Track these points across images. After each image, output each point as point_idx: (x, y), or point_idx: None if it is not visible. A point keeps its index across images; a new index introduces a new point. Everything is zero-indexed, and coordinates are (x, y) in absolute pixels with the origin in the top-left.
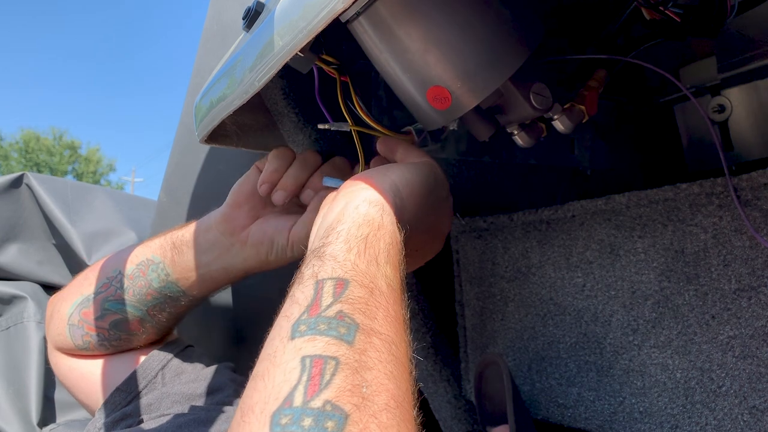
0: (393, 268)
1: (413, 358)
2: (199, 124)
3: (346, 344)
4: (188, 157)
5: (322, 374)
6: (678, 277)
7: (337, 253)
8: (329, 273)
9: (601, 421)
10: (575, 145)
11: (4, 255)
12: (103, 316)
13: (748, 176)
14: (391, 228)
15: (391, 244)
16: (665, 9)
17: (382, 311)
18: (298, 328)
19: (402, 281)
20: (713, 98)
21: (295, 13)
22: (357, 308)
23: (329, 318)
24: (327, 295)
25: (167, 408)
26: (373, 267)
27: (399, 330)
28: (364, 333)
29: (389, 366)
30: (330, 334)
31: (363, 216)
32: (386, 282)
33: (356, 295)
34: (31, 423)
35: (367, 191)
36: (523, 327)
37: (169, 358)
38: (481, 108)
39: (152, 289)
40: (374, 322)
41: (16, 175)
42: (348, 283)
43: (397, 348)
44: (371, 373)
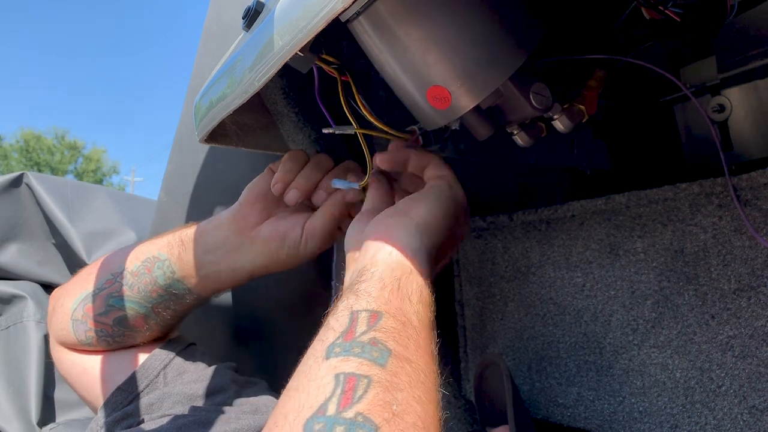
0: (424, 306)
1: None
2: (199, 124)
3: (379, 366)
4: (188, 156)
5: (355, 389)
6: (678, 277)
7: (371, 290)
8: (364, 306)
9: (601, 421)
10: (575, 145)
11: (3, 254)
12: (107, 312)
13: (748, 176)
14: (422, 270)
15: (423, 285)
16: (665, 9)
17: (414, 342)
18: (333, 350)
19: (432, 320)
20: (713, 98)
21: (295, 12)
22: (390, 336)
23: (363, 343)
24: (362, 324)
25: (168, 408)
26: (406, 304)
27: (429, 361)
28: (397, 359)
29: (418, 391)
30: (363, 357)
31: (396, 261)
32: (418, 318)
33: (389, 326)
34: (31, 422)
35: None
36: (523, 327)
37: (171, 357)
38: (480, 108)
39: (157, 286)
40: (406, 351)
41: (16, 175)
42: (382, 314)
43: (426, 377)
44: (401, 394)
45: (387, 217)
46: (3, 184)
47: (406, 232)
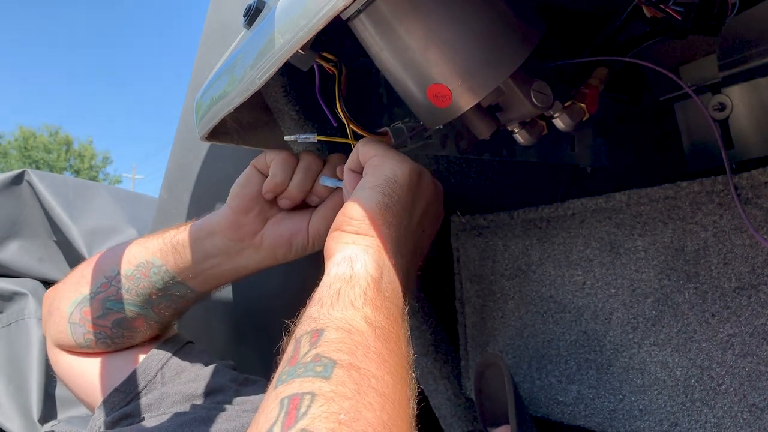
0: (372, 307)
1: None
2: (200, 122)
3: (323, 379)
4: (189, 154)
5: (298, 408)
6: (678, 276)
7: (311, 312)
8: (305, 329)
9: (601, 419)
10: (575, 143)
11: (5, 252)
12: (105, 315)
13: (749, 174)
14: (364, 273)
15: (367, 286)
16: (666, 7)
17: (362, 348)
18: (280, 378)
19: (389, 318)
20: (714, 96)
21: (296, 10)
22: (334, 348)
23: (306, 363)
24: (304, 346)
25: (167, 408)
26: (349, 311)
27: (381, 365)
28: (342, 368)
29: (367, 397)
30: (307, 375)
31: (333, 277)
32: (366, 321)
33: (332, 338)
34: (32, 419)
35: (333, 256)
36: (523, 325)
37: (169, 357)
38: (481, 106)
39: (156, 290)
40: (353, 358)
41: (17, 173)
42: (323, 330)
43: (378, 381)
44: (348, 402)
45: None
46: (4, 182)
47: (339, 246)
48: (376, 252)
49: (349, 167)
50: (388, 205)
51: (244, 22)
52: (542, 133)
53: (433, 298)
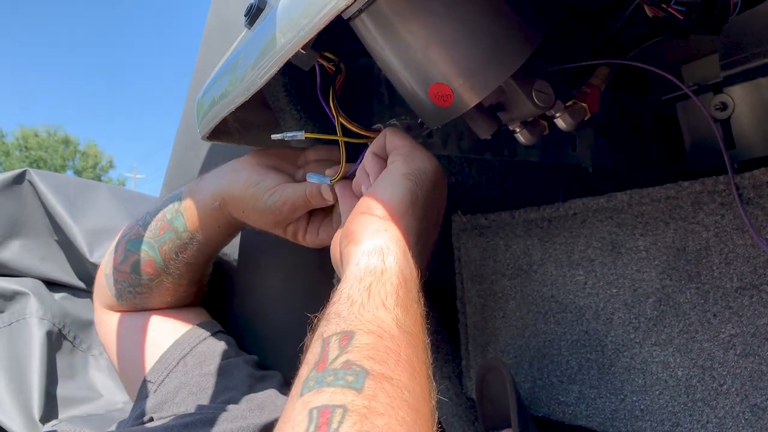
0: (403, 309)
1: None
2: (201, 121)
3: (354, 391)
4: (190, 153)
5: (329, 423)
6: (679, 275)
7: (340, 310)
8: (334, 329)
9: (603, 419)
10: (577, 143)
11: (6, 251)
12: (126, 259)
13: (751, 174)
14: (397, 268)
15: (398, 285)
16: (668, 6)
17: (393, 356)
18: (307, 384)
19: (417, 321)
20: (715, 96)
21: (297, 10)
22: (365, 355)
23: (336, 369)
24: (333, 350)
25: (184, 398)
26: (381, 312)
27: (413, 374)
28: (374, 379)
29: (401, 412)
30: (337, 384)
31: (364, 269)
32: (397, 325)
33: (363, 343)
34: (34, 419)
35: (362, 244)
36: (525, 324)
37: (193, 345)
38: (483, 105)
39: (165, 222)
40: (385, 367)
41: (19, 172)
42: (353, 333)
43: (410, 393)
44: (382, 419)
45: (349, 226)
46: (6, 181)
47: (368, 233)
48: (405, 246)
49: (373, 150)
50: (419, 196)
51: (245, 22)
52: (544, 133)
53: (434, 297)
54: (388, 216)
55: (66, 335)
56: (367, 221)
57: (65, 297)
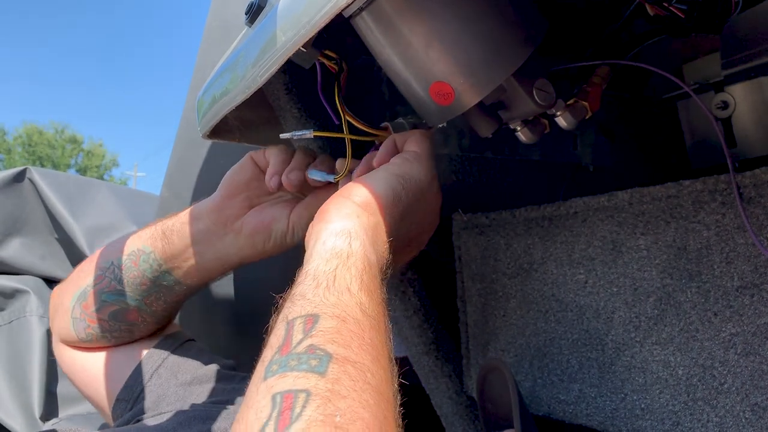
0: (368, 294)
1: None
2: (202, 119)
3: (318, 375)
4: (190, 152)
5: (292, 408)
6: (680, 274)
7: (305, 292)
8: (298, 312)
9: (603, 418)
10: (578, 142)
11: (6, 249)
12: (101, 308)
13: (752, 173)
14: (362, 253)
15: (363, 270)
16: (669, 5)
17: (357, 339)
18: (270, 368)
19: (380, 306)
20: (716, 95)
21: (298, 8)
22: (329, 338)
23: (299, 353)
24: (297, 333)
25: (165, 408)
26: (345, 296)
27: (377, 357)
28: (338, 362)
29: (364, 395)
30: (300, 369)
31: (330, 250)
32: (361, 309)
33: (327, 327)
34: (34, 417)
35: (332, 223)
36: (525, 323)
37: (165, 357)
38: (484, 104)
39: (146, 279)
40: (348, 351)
41: (19, 170)
42: (318, 317)
43: (374, 376)
44: (345, 402)
45: (325, 205)
46: (6, 179)
47: (340, 215)
48: (375, 235)
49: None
50: (401, 200)
51: (245, 20)
52: (544, 132)
53: (435, 296)
54: (365, 205)
55: None
56: (342, 204)
57: None
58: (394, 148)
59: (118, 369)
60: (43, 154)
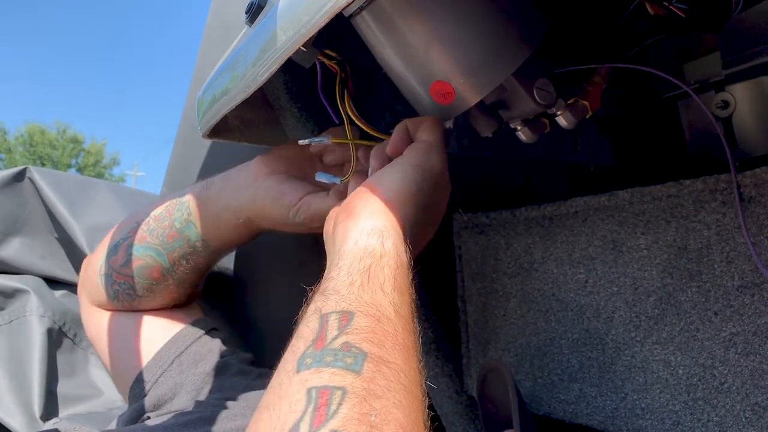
0: (400, 294)
1: (425, 387)
2: (202, 119)
3: (354, 373)
4: (190, 151)
5: (328, 404)
6: (681, 274)
7: (339, 288)
8: (333, 307)
9: (603, 417)
10: (578, 141)
11: (6, 249)
12: (128, 262)
13: (752, 173)
14: (394, 253)
15: (396, 269)
16: (669, 4)
17: (391, 339)
18: (304, 361)
19: (411, 307)
20: (717, 94)
21: (299, 7)
22: (364, 337)
23: (335, 350)
24: (332, 328)
25: (181, 398)
26: (379, 296)
27: (408, 358)
28: (373, 362)
29: (398, 395)
30: (336, 365)
31: (363, 249)
32: (394, 309)
33: (362, 325)
34: (34, 416)
35: (362, 220)
36: (525, 323)
37: (188, 344)
38: (484, 103)
39: (174, 230)
40: (382, 350)
41: (19, 169)
42: (353, 314)
43: (406, 377)
44: (380, 402)
45: (350, 202)
46: (6, 179)
47: (368, 212)
48: (404, 231)
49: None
50: (423, 190)
51: (246, 19)
52: (545, 131)
53: (435, 295)
54: (389, 200)
55: (66, 333)
56: (369, 200)
57: (65, 294)
58: (407, 136)
59: (142, 341)
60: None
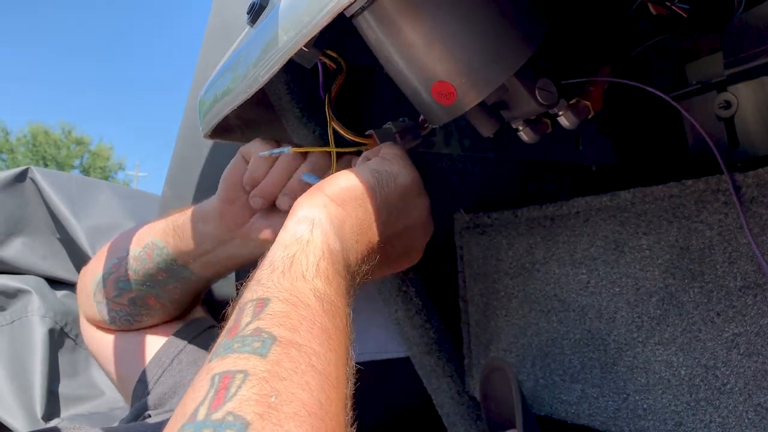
0: (324, 280)
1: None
2: (203, 119)
3: (258, 356)
4: (192, 151)
5: (228, 388)
6: (683, 274)
7: (261, 277)
8: (250, 296)
9: (605, 418)
10: (580, 141)
11: (8, 249)
12: (120, 295)
13: (755, 173)
14: (322, 240)
15: (321, 257)
16: (671, 4)
17: (307, 323)
18: (217, 351)
19: (339, 292)
20: (719, 94)
21: (300, 7)
22: (276, 322)
23: (245, 336)
24: (246, 316)
25: (180, 395)
26: (299, 282)
27: (327, 341)
28: (281, 345)
29: (305, 377)
30: (243, 351)
31: (291, 236)
32: (315, 295)
33: (276, 310)
34: (36, 417)
35: (297, 212)
36: (527, 323)
37: (185, 344)
38: (485, 103)
39: (161, 270)
40: (295, 334)
41: (21, 169)
42: (268, 300)
43: (319, 359)
44: (283, 383)
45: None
46: (8, 179)
47: (308, 205)
48: (342, 225)
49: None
50: (376, 192)
51: (247, 19)
52: (546, 131)
53: (436, 296)
54: (334, 196)
55: (68, 333)
56: (312, 195)
57: (67, 295)
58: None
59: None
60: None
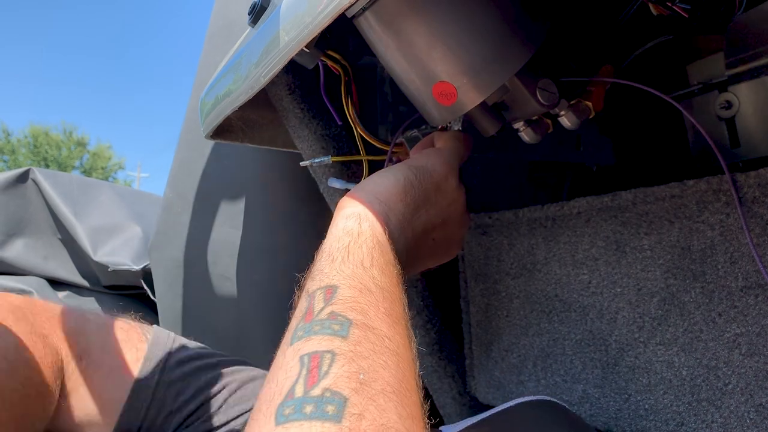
0: (379, 269)
1: (415, 353)
2: (205, 120)
3: (341, 338)
4: (194, 152)
5: (319, 366)
6: (684, 275)
7: (323, 267)
8: (318, 284)
9: (607, 418)
10: (581, 141)
11: (10, 250)
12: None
13: (756, 173)
14: (371, 233)
15: (374, 248)
16: (672, 5)
17: (373, 308)
18: (296, 334)
19: (393, 281)
20: (720, 94)
21: (301, 8)
22: (348, 306)
23: (322, 320)
24: (318, 302)
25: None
26: (359, 270)
27: (392, 325)
28: (357, 327)
29: (383, 357)
30: (324, 333)
31: (341, 230)
32: (374, 283)
33: (346, 296)
34: None
35: (344, 209)
36: (528, 324)
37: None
38: (486, 104)
39: None
40: (366, 318)
41: (22, 171)
42: (336, 287)
43: (391, 341)
44: (366, 362)
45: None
46: (9, 180)
47: (352, 203)
48: (387, 219)
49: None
50: (414, 187)
51: (249, 20)
52: (548, 131)
53: (438, 296)
54: (377, 193)
55: None
56: (356, 194)
57: (69, 295)
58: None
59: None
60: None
